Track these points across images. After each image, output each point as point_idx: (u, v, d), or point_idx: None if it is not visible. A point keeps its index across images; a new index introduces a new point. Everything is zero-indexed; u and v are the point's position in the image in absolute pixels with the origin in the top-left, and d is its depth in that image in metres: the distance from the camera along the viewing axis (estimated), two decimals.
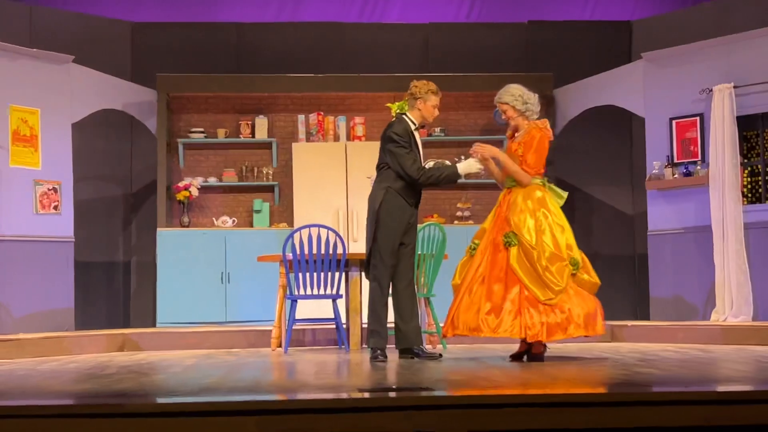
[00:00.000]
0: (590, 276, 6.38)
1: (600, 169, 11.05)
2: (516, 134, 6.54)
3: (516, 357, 6.37)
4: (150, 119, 10.62)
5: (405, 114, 6.66)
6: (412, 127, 6.62)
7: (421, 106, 6.61)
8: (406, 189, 6.56)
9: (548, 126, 6.50)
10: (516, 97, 6.46)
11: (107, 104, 10.17)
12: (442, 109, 11.37)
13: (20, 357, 7.52)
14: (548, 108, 10.62)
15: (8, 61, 9.04)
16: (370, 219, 6.58)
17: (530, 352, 6.32)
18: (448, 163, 7.29)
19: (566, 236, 6.32)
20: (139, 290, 10.86)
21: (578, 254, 6.34)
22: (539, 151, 6.37)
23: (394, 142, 6.50)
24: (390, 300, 6.65)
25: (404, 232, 6.57)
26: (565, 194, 6.56)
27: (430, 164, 6.88)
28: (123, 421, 3.50)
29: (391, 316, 6.65)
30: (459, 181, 6.79)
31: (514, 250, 6.22)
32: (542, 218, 6.28)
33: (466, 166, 6.62)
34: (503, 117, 6.57)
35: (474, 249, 6.44)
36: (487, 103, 10.58)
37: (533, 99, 6.50)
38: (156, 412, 3.56)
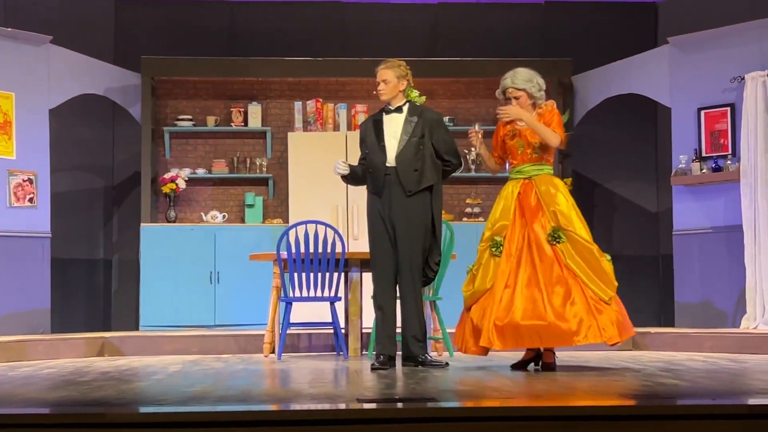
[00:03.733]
0: None
1: (622, 162, 11.04)
2: (518, 122, 6.49)
3: (520, 366, 6.34)
4: (134, 105, 10.62)
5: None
6: (383, 113, 6.79)
7: (402, 87, 6.75)
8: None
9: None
10: (533, 83, 6.44)
11: (88, 89, 10.17)
12: (451, 96, 11.50)
13: None
14: (566, 96, 10.61)
15: None
16: (425, 214, 6.61)
17: (543, 361, 6.30)
18: None
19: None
20: (121, 290, 10.86)
21: None
22: (561, 126, 6.38)
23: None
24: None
25: None
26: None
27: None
28: None
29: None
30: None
31: (563, 247, 6.19)
32: (577, 209, 6.34)
33: (334, 166, 6.82)
34: (513, 104, 6.49)
35: (499, 248, 6.35)
36: (493, 90, 10.56)
37: (543, 84, 6.51)
38: (139, 423, 3.56)
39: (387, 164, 6.60)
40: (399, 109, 6.71)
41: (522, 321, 6.05)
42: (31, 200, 9.35)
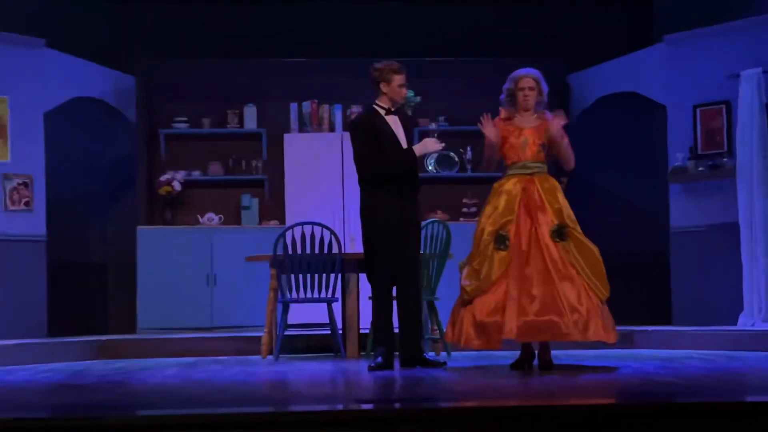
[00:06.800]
0: None
1: (617, 161, 11.04)
2: (515, 118, 6.50)
3: (518, 365, 6.34)
4: (129, 107, 10.59)
5: (374, 103, 6.72)
6: (382, 112, 6.67)
7: (386, 89, 6.65)
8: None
9: None
10: (544, 83, 6.53)
11: (82, 91, 10.14)
12: (446, 97, 11.47)
13: None
14: (561, 96, 10.59)
15: None
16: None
17: (544, 359, 6.30)
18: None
19: None
20: (118, 293, 10.84)
21: None
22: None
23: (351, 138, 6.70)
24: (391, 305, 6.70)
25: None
26: None
27: None
28: None
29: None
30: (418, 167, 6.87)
31: (568, 245, 6.22)
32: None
33: (423, 146, 6.72)
34: (528, 94, 6.48)
35: (504, 242, 6.29)
36: (491, 89, 10.55)
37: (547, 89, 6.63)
38: (137, 426, 3.56)
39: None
40: (397, 111, 6.75)
41: (539, 316, 6.07)
42: (26, 204, 9.33)
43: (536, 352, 6.38)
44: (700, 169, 9.42)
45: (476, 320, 6.20)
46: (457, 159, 10.86)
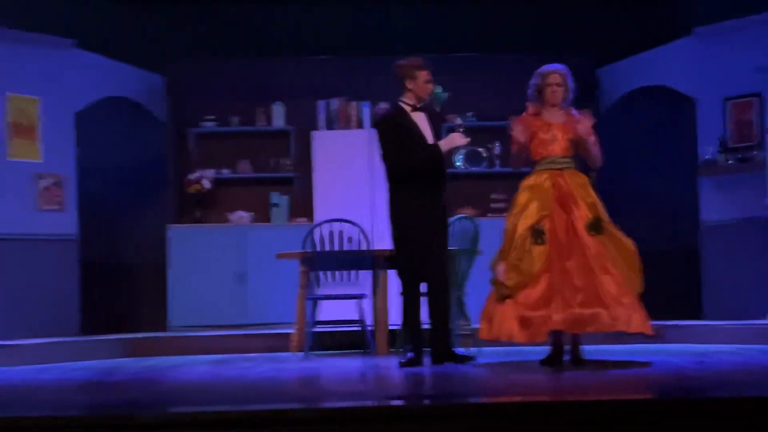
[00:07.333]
0: None
1: (646, 155, 10.96)
2: (542, 113, 6.48)
3: (549, 361, 6.31)
4: (158, 107, 10.64)
5: (400, 100, 6.70)
6: (408, 109, 6.64)
7: (411, 86, 6.62)
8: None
9: None
10: (572, 80, 6.51)
11: (112, 91, 10.20)
12: (474, 92, 11.44)
13: (21, 364, 7.58)
14: (589, 91, 10.53)
15: (5, 46, 9.09)
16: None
17: (575, 355, 6.27)
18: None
19: None
20: (149, 291, 10.89)
21: None
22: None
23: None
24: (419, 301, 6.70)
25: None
26: None
27: None
28: None
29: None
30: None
31: (603, 239, 6.21)
32: None
33: (450, 141, 6.64)
34: (556, 90, 6.46)
35: (542, 236, 6.26)
36: (519, 85, 10.52)
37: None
38: (168, 423, 3.57)
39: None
40: (424, 108, 6.74)
41: (585, 308, 6.06)
42: (58, 203, 9.40)
43: (567, 347, 6.35)
44: (730, 162, 9.34)
45: (520, 314, 6.18)
46: (485, 154, 10.84)
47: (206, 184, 10.59)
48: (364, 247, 7.87)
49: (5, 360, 7.58)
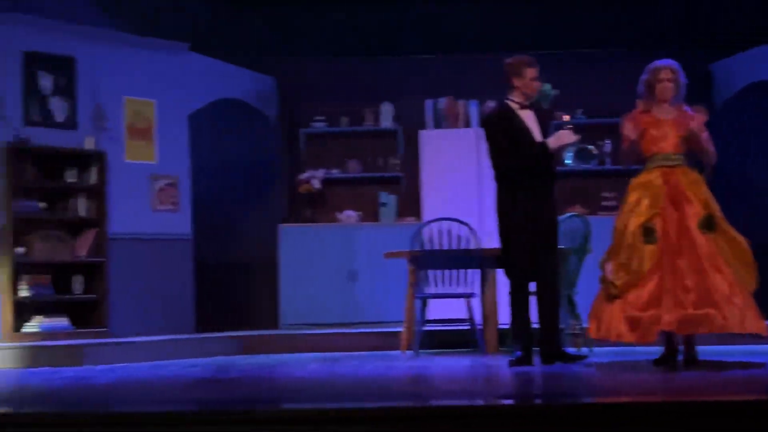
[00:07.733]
0: None
1: (763, 151, 10.69)
2: (653, 110, 6.37)
3: (662, 361, 6.20)
4: (269, 108, 10.80)
5: (507, 98, 6.66)
6: (515, 107, 6.60)
7: (518, 83, 6.58)
8: None
9: None
10: (683, 75, 6.40)
11: (224, 93, 10.39)
12: (584, 89, 11.30)
13: (137, 360, 7.77)
14: (703, 86, 10.31)
15: (123, 51, 9.34)
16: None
17: (689, 354, 6.15)
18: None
19: None
20: (261, 289, 11.05)
21: None
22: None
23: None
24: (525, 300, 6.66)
25: None
26: None
27: None
28: (251, 429, 3.57)
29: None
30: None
31: (716, 237, 6.11)
32: None
33: (557, 138, 6.56)
34: (666, 86, 6.36)
35: (652, 235, 6.17)
36: (629, 81, 10.36)
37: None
38: (284, 419, 3.62)
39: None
40: (532, 106, 6.70)
41: (697, 309, 5.94)
42: (173, 204, 9.62)
43: (680, 347, 6.24)
44: None
45: (629, 314, 6.08)
46: (595, 152, 10.70)
47: (316, 183, 10.70)
48: (472, 245, 7.85)
49: (123, 357, 7.78)
